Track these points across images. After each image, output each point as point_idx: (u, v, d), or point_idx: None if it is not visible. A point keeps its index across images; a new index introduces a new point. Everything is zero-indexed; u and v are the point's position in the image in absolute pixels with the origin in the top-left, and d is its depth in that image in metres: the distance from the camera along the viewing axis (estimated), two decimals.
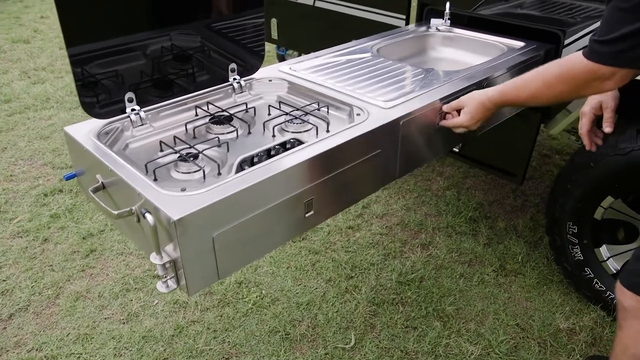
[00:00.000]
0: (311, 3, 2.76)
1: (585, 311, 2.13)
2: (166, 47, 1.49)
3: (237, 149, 1.35)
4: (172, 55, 1.51)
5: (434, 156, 1.67)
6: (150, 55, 1.45)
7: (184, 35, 1.52)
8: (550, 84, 1.26)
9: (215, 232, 1.08)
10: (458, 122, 1.49)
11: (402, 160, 1.48)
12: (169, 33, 1.48)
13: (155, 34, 1.45)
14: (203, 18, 1.53)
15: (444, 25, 2.16)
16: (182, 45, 1.51)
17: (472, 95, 1.47)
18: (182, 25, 1.50)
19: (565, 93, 1.24)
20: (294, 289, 2.28)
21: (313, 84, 1.61)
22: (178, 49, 1.51)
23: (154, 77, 1.49)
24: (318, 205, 1.28)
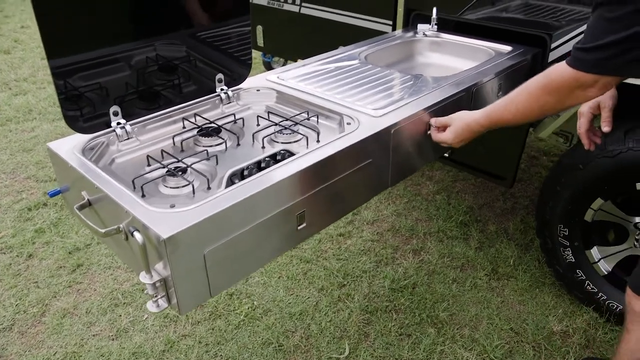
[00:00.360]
0: (297, 10, 2.75)
1: (577, 313, 2.14)
2: (151, 58, 1.46)
3: (226, 162, 1.32)
4: (157, 66, 1.48)
5: (425, 162, 1.66)
6: (134, 66, 1.43)
7: (168, 45, 1.49)
8: (535, 96, 1.25)
9: (207, 249, 1.05)
10: (442, 138, 1.49)
11: (394, 168, 1.46)
12: (153, 43, 1.46)
13: (140, 45, 1.42)
14: (188, 27, 1.51)
15: (431, 30, 2.16)
16: (167, 56, 1.49)
17: (461, 116, 1.46)
18: (167, 35, 1.47)
19: (549, 104, 1.22)
20: (286, 299, 2.25)
21: (302, 92, 1.59)
22: (163, 59, 1.48)
23: (139, 89, 1.46)
24: (310, 217, 1.26)
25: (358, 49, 1.99)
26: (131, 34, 1.39)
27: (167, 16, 1.46)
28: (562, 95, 1.18)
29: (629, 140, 1.80)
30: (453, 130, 1.46)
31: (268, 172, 1.17)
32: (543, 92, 1.22)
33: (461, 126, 1.44)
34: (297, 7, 2.74)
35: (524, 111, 1.29)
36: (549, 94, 1.21)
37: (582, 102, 1.35)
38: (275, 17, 2.88)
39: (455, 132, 1.45)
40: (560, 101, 1.20)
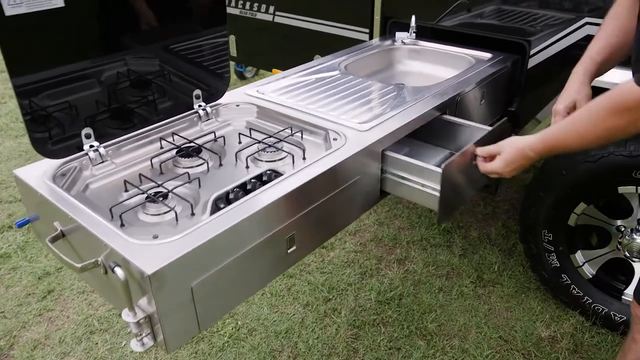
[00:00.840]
0: (271, 19, 2.69)
1: (564, 317, 2.14)
2: (122, 73, 1.38)
3: (209, 184, 1.26)
4: (130, 81, 1.40)
5: None
6: (105, 83, 1.35)
7: (141, 59, 1.42)
8: (601, 119, 1.12)
9: (194, 281, 0.99)
10: (491, 168, 1.36)
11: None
12: (124, 57, 1.38)
13: (110, 59, 1.34)
14: (161, 40, 1.43)
15: (409, 38, 2.13)
16: (140, 71, 1.41)
17: (512, 142, 1.32)
18: (139, 48, 1.40)
19: (619, 128, 1.10)
20: (270, 317, 2.18)
21: (283, 107, 1.53)
22: (136, 74, 1.40)
23: (111, 107, 1.38)
24: (300, 239, 1.21)
25: (337, 59, 1.95)
26: (101, 48, 1.31)
27: (139, 28, 1.38)
28: (635, 116, 1.07)
29: (610, 144, 1.81)
30: (504, 158, 1.32)
31: (255, 195, 1.11)
32: (610, 114, 1.10)
33: (513, 153, 1.30)
34: (270, 15, 2.68)
35: (588, 136, 1.16)
36: (618, 116, 1.09)
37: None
38: (248, 26, 2.82)
39: (506, 160, 1.32)
40: (632, 123, 1.08)
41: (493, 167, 1.35)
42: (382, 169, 1.40)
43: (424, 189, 1.36)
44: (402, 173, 1.39)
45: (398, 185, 1.41)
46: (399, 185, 1.41)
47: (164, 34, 1.44)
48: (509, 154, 1.31)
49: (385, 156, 1.39)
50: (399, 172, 1.39)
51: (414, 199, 1.41)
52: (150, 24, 1.40)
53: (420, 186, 1.36)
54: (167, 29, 1.44)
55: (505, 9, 1.99)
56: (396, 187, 1.41)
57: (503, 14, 2.00)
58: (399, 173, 1.39)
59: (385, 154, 1.38)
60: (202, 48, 1.52)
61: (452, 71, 1.89)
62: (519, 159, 1.30)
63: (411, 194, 1.40)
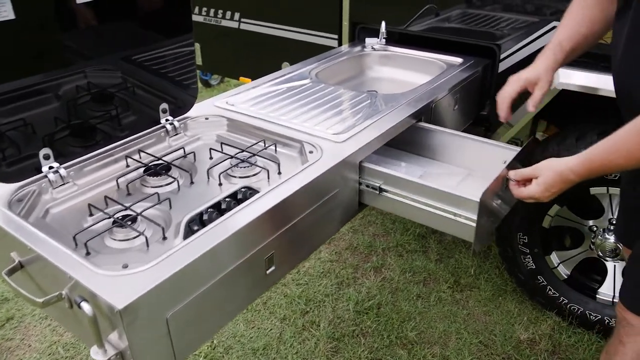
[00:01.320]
0: (236, 26, 2.62)
1: (541, 319, 2.15)
2: (83, 87, 1.30)
3: (181, 205, 1.19)
4: (91, 96, 1.32)
5: None
6: (64, 97, 1.26)
7: (102, 71, 1.34)
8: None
9: (169, 312, 0.92)
10: (527, 193, 1.24)
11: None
12: (84, 70, 1.30)
13: (68, 72, 1.26)
14: (123, 50, 1.35)
15: (379, 44, 2.11)
16: (102, 84, 1.33)
17: (550, 165, 1.20)
18: (100, 59, 1.32)
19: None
20: (247, 333, 2.11)
21: (255, 119, 1.48)
22: (97, 88, 1.32)
23: (72, 124, 1.29)
24: (279, 258, 1.15)
25: (308, 67, 1.90)
26: (57, 61, 1.23)
27: (99, 38, 1.30)
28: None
29: (580, 146, 1.82)
30: (543, 182, 1.20)
31: (231, 216, 1.05)
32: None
33: (552, 177, 1.19)
34: (236, 22, 2.62)
35: (638, 155, 1.05)
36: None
37: None
38: (213, 33, 2.74)
39: (545, 184, 1.20)
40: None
41: (530, 192, 1.23)
42: (359, 181, 1.36)
43: (456, 219, 1.26)
44: (419, 197, 1.29)
45: (385, 200, 1.35)
46: (388, 200, 1.35)
47: (126, 44, 1.36)
48: (548, 178, 1.19)
49: (388, 176, 1.32)
50: (410, 194, 1.30)
51: (424, 221, 1.33)
52: (112, 34, 1.33)
53: (452, 215, 1.26)
54: (129, 39, 1.37)
55: (475, 13, 1.98)
56: (377, 199, 1.37)
57: (472, 19, 2.00)
58: (411, 196, 1.30)
59: (375, 170, 1.33)
60: (168, 58, 1.45)
61: (424, 77, 1.87)
62: (559, 182, 1.18)
63: (424, 217, 1.31)
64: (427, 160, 1.60)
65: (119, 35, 1.35)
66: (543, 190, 1.20)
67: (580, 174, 1.15)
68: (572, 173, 1.16)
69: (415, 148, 1.62)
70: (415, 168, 1.55)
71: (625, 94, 1.19)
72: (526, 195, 1.25)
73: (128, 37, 1.37)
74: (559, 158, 1.19)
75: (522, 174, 1.26)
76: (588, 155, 1.13)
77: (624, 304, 1.29)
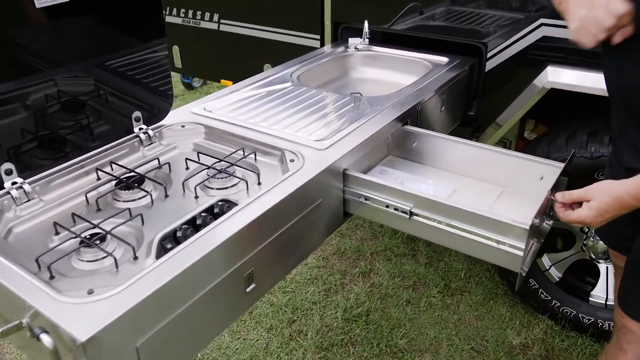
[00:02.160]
0: (216, 27, 2.55)
1: (534, 322, 2.11)
2: (51, 95, 1.23)
3: (154, 220, 1.11)
4: (60, 105, 1.25)
5: None
6: (30, 107, 1.19)
7: (71, 78, 1.27)
8: None
9: (140, 340, 0.85)
10: (577, 217, 1.11)
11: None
12: (52, 78, 1.23)
13: (34, 81, 1.18)
14: (93, 56, 1.28)
15: (362, 44, 2.05)
16: (71, 92, 1.26)
17: (605, 189, 1.08)
18: (68, 66, 1.25)
19: None
20: (232, 345, 2.05)
21: (234, 126, 1.41)
22: (66, 96, 1.25)
23: (38, 135, 1.22)
24: (260, 275, 1.09)
25: (289, 69, 1.83)
26: (23, 67, 1.15)
27: (69, 43, 1.23)
28: None
29: (570, 146, 1.78)
30: (597, 207, 1.07)
31: (207, 232, 0.99)
32: None
33: (608, 202, 1.06)
34: (215, 24, 2.54)
35: None
36: None
37: None
38: (192, 35, 2.66)
39: (600, 209, 1.07)
40: None
41: (580, 216, 1.10)
42: (344, 190, 1.30)
43: (499, 247, 1.14)
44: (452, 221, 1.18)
45: (402, 219, 1.24)
46: (413, 223, 1.23)
47: (96, 49, 1.29)
48: (603, 203, 1.07)
49: (409, 196, 1.20)
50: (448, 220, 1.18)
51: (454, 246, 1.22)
52: (80, 40, 1.26)
53: (495, 243, 1.14)
54: (100, 45, 1.29)
55: (461, 10, 1.93)
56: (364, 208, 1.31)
57: (458, 16, 1.95)
58: (445, 220, 1.18)
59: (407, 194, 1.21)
60: (141, 64, 1.38)
61: (409, 77, 1.81)
62: (616, 208, 1.06)
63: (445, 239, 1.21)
64: (454, 176, 1.47)
65: (89, 40, 1.28)
66: (596, 215, 1.08)
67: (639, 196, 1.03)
68: (631, 198, 1.03)
69: (439, 162, 1.51)
70: (444, 185, 1.42)
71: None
72: (575, 219, 1.12)
73: (98, 42, 1.30)
74: (615, 181, 1.07)
75: (572, 197, 1.12)
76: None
77: (624, 311, 1.25)
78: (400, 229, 1.29)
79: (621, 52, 1.08)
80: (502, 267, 1.19)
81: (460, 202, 1.28)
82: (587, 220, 1.10)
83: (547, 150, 1.83)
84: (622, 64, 1.10)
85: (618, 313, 1.31)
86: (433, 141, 1.50)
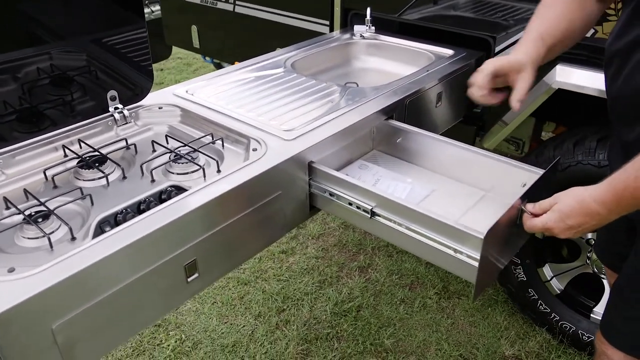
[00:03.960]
0: (231, 9, 2.52)
1: (530, 334, 2.00)
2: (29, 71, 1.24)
3: (105, 202, 1.11)
4: (42, 79, 1.26)
5: None
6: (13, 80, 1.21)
7: (47, 54, 1.27)
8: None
9: (56, 322, 0.84)
10: (543, 224, 1.01)
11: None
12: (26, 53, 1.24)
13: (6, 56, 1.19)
14: (73, 33, 1.28)
15: (368, 32, 1.97)
16: (46, 68, 1.26)
17: (570, 192, 0.99)
18: (44, 41, 1.25)
19: None
20: (219, 329, 2.05)
21: (209, 110, 1.38)
22: (45, 72, 1.26)
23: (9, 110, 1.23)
24: (204, 265, 1.06)
25: (286, 54, 1.78)
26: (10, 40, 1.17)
27: (49, 19, 1.24)
28: None
29: (577, 153, 1.66)
30: (557, 209, 0.98)
31: (145, 218, 0.97)
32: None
33: (570, 204, 0.97)
34: (231, 5, 2.52)
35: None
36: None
37: None
38: (209, 16, 2.65)
39: (560, 211, 0.98)
40: None
41: (543, 220, 1.01)
42: (310, 183, 1.26)
43: (455, 255, 1.06)
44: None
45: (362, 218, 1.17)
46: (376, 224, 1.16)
47: (76, 26, 1.29)
48: (566, 206, 0.97)
49: (372, 195, 1.14)
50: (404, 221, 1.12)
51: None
52: (56, 17, 1.26)
53: (453, 251, 1.06)
54: (74, 19, 1.29)
55: (473, 2, 1.82)
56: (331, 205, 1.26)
57: (470, 8, 1.84)
58: (405, 222, 1.11)
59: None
60: (118, 41, 1.37)
61: (409, 68, 1.72)
62: (578, 212, 0.95)
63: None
64: (437, 177, 1.39)
65: (70, 17, 1.28)
66: (558, 219, 0.98)
67: (607, 203, 0.92)
68: (595, 202, 0.94)
69: (424, 161, 1.43)
70: (423, 185, 1.35)
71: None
72: (540, 225, 1.02)
73: (79, 20, 1.30)
74: (584, 186, 0.98)
75: (542, 206, 1.03)
76: (616, 180, 0.92)
77: (605, 337, 1.15)
78: (362, 228, 1.23)
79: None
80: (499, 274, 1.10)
81: (433, 204, 1.21)
82: (550, 224, 1.00)
83: (553, 154, 1.71)
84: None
85: (599, 338, 1.22)
86: (418, 138, 1.42)
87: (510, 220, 1.07)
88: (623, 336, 1.16)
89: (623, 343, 1.15)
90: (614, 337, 1.18)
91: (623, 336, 1.16)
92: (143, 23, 1.37)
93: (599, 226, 0.97)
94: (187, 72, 4.75)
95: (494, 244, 1.06)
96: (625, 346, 1.15)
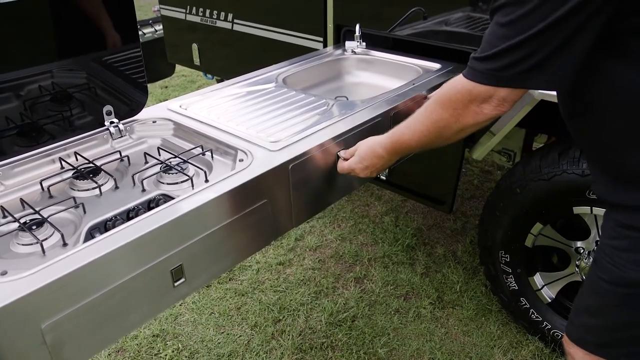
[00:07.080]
0: (230, 27, 2.61)
1: (523, 343, 2.01)
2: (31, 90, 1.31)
3: (97, 210, 1.16)
4: (43, 96, 1.33)
5: (340, 196, 1.53)
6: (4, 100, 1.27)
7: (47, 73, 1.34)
8: (430, 110, 1.09)
9: (45, 322, 0.89)
10: (345, 165, 1.33)
11: (297, 208, 1.32)
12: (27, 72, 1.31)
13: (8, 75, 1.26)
14: (70, 54, 1.35)
15: (359, 47, 2.03)
16: (49, 86, 1.33)
17: (367, 139, 1.31)
18: (48, 63, 1.32)
19: (443, 121, 1.05)
20: (215, 339, 2.09)
21: (200, 123, 1.44)
22: (46, 91, 1.33)
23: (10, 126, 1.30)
24: (191, 271, 1.11)
25: (278, 70, 1.85)
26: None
27: (43, 40, 1.31)
28: (457, 110, 1.01)
29: (562, 162, 1.69)
30: (358, 154, 1.30)
31: (134, 223, 1.02)
32: (438, 106, 1.07)
33: (364, 150, 1.28)
34: (229, 24, 2.60)
35: (422, 129, 1.12)
36: (443, 108, 1.05)
37: (481, 122, 1.03)
38: (209, 34, 2.74)
39: (360, 156, 1.29)
40: (454, 117, 1.02)
41: (349, 164, 1.32)
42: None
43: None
44: None
45: None
46: None
47: (73, 45, 1.36)
48: (362, 151, 1.29)
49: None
50: None
51: None
52: (56, 37, 1.33)
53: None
54: (75, 42, 1.36)
55: (465, 17, 1.88)
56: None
57: (461, 23, 1.89)
58: None
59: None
60: (115, 60, 1.44)
61: (397, 82, 1.78)
62: (370, 156, 1.27)
63: None
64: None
65: (67, 36, 1.35)
66: (357, 161, 1.29)
67: (387, 148, 1.22)
68: (380, 148, 1.24)
69: None
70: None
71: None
72: (346, 168, 1.32)
73: (76, 39, 1.37)
74: (379, 135, 1.26)
75: (349, 151, 1.34)
76: (393, 131, 1.21)
77: (566, 333, 1.17)
78: None
79: None
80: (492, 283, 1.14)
81: None
82: (352, 166, 1.30)
83: (539, 164, 1.75)
84: None
85: (564, 338, 1.23)
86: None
87: (324, 160, 1.34)
88: (575, 328, 1.16)
89: (575, 335, 1.15)
90: (569, 331, 1.18)
91: (575, 328, 1.16)
92: (138, 43, 1.44)
93: (386, 167, 1.30)
94: (191, 89, 4.84)
95: (307, 179, 1.29)
96: (576, 338, 1.14)
